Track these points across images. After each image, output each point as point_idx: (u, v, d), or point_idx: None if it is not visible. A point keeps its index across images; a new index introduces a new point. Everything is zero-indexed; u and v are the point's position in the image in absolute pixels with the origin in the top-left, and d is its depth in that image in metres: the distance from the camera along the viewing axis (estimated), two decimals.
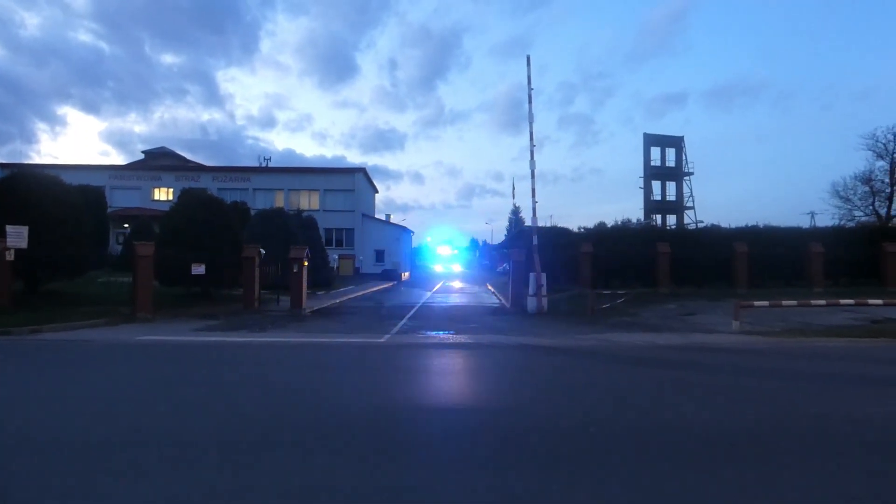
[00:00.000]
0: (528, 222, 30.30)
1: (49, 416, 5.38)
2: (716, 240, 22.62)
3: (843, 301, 13.17)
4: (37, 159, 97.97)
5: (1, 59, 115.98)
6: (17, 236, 12.92)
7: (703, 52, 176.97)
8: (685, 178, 56.62)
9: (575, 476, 3.71)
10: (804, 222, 44.35)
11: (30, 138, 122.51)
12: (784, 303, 12.76)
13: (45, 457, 4.10)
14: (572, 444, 4.45)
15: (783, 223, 24.88)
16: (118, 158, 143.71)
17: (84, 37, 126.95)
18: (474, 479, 3.63)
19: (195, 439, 4.56)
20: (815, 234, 23.56)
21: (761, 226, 23.82)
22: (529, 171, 18.70)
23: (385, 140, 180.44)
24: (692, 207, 56.45)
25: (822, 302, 13.16)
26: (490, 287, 32.65)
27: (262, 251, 19.42)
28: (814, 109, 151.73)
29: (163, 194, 45.79)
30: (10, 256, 13.00)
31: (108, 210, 31.54)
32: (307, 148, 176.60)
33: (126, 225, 38.71)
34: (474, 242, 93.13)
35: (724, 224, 25.09)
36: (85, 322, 13.20)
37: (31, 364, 8.79)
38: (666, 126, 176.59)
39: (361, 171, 49.14)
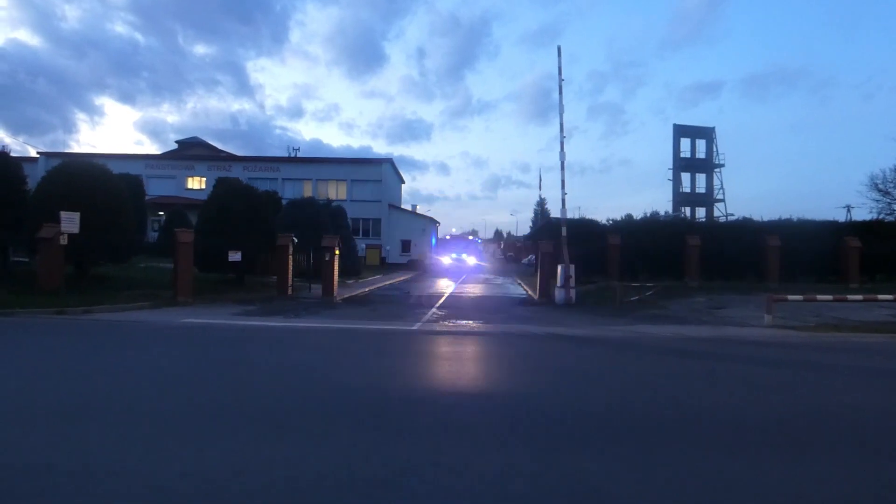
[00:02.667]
0: (554, 214, 30.37)
1: (116, 388, 5.83)
2: (746, 233, 22.31)
3: (881, 297, 12.96)
4: (76, 148, 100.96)
5: (45, 51, 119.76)
6: (70, 222, 13.62)
7: (739, 40, 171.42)
8: (715, 169, 55.53)
9: (602, 455, 3.95)
10: (840, 216, 43.17)
11: (70, 128, 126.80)
12: (819, 297, 12.63)
13: (122, 423, 4.51)
14: (603, 429, 4.68)
15: (819, 217, 24.36)
16: (152, 147, 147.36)
17: (120, 28, 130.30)
18: (512, 456, 3.90)
19: (251, 412, 4.92)
20: (850, 227, 23.01)
21: (794, 219, 23.40)
22: (557, 162, 18.70)
23: (412, 130, 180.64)
24: (722, 200, 55.38)
25: (859, 297, 12.97)
26: (516, 278, 32.77)
27: (295, 240, 19.92)
28: (854, 99, 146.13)
29: (196, 183, 46.93)
30: (63, 241, 13.72)
31: (145, 198, 32.71)
32: (334, 138, 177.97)
33: (161, 213, 39.85)
34: (499, 234, 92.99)
35: (755, 217, 24.71)
36: (131, 304, 13.87)
37: (90, 342, 9.35)
38: (698, 116, 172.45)
39: (388, 162, 49.52)
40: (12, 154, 18.21)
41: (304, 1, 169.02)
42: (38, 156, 45.29)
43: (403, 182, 62.35)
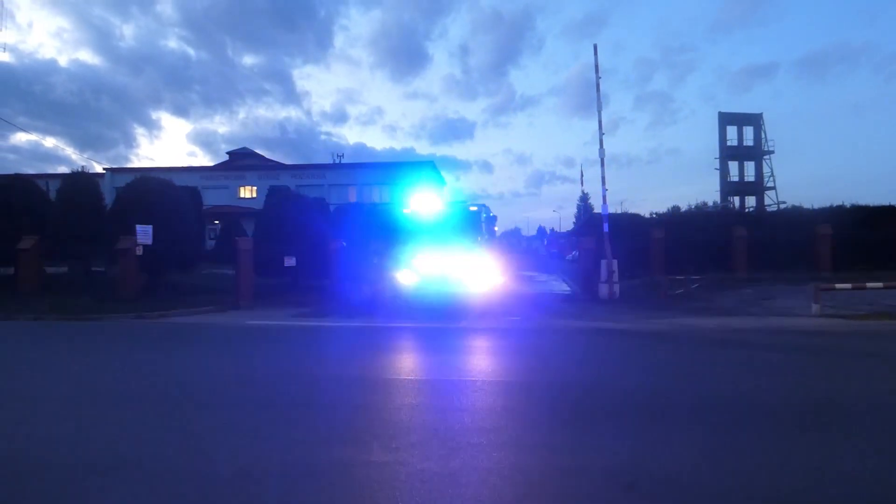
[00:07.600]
0: (597, 209, 30.27)
1: (204, 382, 6.67)
2: (797, 222, 21.78)
3: None
4: (136, 162, 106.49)
5: (106, 70, 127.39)
6: (145, 234, 14.95)
7: (796, 18, 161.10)
8: (765, 157, 53.80)
9: (651, 438, 4.41)
10: None
11: (131, 143, 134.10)
12: (868, 285, 12.44)
13: (216, 412, 5.30)
14: (651, 414, 5.13)
15: (881, 202, 23.18)
16: (204, 159, 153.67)
17: (173, 44, 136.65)
18: (563, 436, 4.42)
19: (315, 403, 5.63)
20: None
21: (847, 205, 22.63)
22: (601, 156, 18.88)
23: (454, 130, 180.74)
24: (773, 188, 53.57)
25: None
26: (559, 275, 32.86)
27: (344, 244, 20.86)
28: None
29: (247, 192, 49.09)
30: (139, 252, 15.07)
31: (202, 208, 34.61)
32: (378, 141, 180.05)
33: (216, 221, 41.95)
34: (542, 230, 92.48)
35: (811, 205, 23.99)
36: (199, 309, 15.04)
37: (171, 343, 10.38)
38: (752, 100, 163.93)
39: (430, 164, 50.44)
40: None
41: (348, 5, 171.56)
42: (103, 171, 48.44)
43: (445, 184, 63.05)
